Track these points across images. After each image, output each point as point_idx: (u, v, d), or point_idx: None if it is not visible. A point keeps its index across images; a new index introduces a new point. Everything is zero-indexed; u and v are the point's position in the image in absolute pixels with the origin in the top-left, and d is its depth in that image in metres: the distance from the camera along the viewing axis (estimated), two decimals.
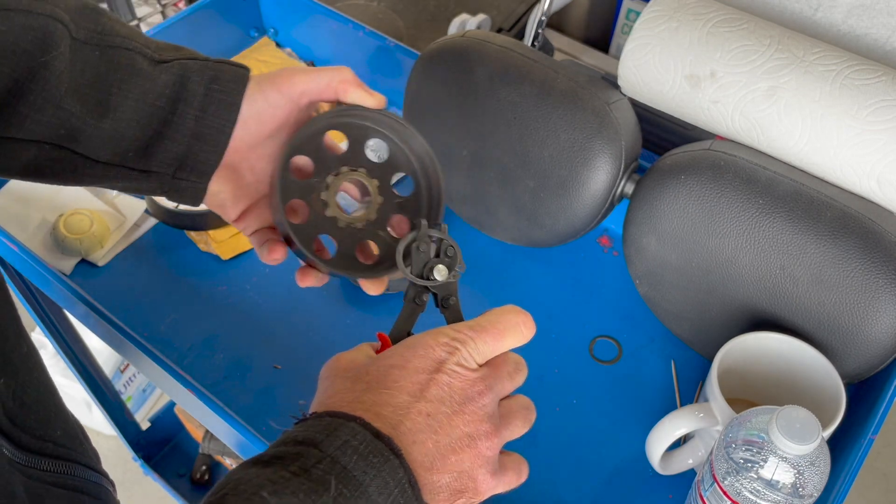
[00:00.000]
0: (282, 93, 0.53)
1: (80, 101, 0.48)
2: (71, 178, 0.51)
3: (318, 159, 0.55)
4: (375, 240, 0.55)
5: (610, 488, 0.69)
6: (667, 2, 0.72)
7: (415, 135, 0.56)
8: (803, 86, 0.65)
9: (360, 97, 0.54)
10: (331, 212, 0.54)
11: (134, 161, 0.51)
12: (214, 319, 0.78)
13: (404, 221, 0.57)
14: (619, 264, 0.84)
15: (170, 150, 0.51)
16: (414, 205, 0.57)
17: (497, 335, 0.46)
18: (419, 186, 0.57)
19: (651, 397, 0.74)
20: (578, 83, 0.72)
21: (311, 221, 0.54)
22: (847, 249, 0.62)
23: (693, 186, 0.67)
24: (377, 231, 0.55)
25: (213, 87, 0.51)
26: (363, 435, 0.38)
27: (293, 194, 0.53)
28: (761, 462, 0.52)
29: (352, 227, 0.55)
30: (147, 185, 0.52)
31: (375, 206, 0.55)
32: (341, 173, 0.55)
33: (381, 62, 0.96)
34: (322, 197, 0.54)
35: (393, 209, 0.56)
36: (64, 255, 0.81)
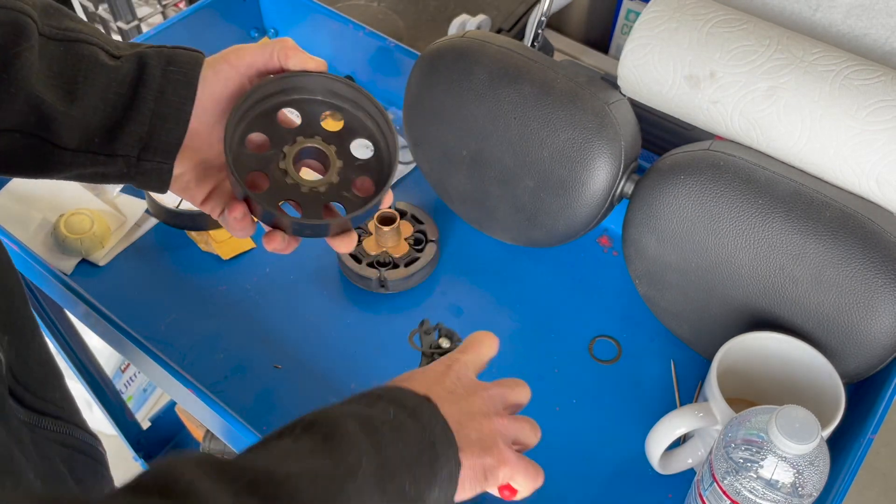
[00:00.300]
0: (231, 65, 0.55)
1: (49, 90, 0.51)
2: (41, 168, 0.53)
3: (274, 135, 0.56)
4: (341, 201, 0.56)
5: (610, 488, 0.69)
6: (666, 2, 0.72)
7: (366, 97, 0.57)
8: (803, 86, 0.66)
9: (301, 61, 0.56)
10: (291, 179, 0.55)
11: (100, 146, 0.53)
12: (215, 319, 0.78)
13: (367, 182, 0.58)
14: (618, 264, 0.85)
15: (133, 132, 0.53)
16: (376, 166, 0.58)
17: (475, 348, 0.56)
18: (378, 148, 0.58)
19: (651, 397, 0.75)
20: (578, 83, 0.72)
21: (273, 189, 0.55)
22: (846, 249, 0.62)
23: (692, 186, 0.67)
24: (341, 192, 0.56)
25: (170, 68, 0.53)
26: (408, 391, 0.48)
27: (252, 167, 0.55)
28: (761, 461, 0.52)
29: (315, 191, 0.56)
30: (114, 168, 0.54)
31: (336, 170, 0.57)
32: (297, 142, 0.56)
33: (381, 62, 0.97)
34: (281, 166, 0.55)
35: (355, 171, 0.57)
36: (65, 255, 0.81)
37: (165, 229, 0.85)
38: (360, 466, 0.40)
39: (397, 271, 0.80)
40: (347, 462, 0.40)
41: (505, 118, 0.74)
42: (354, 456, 0.40)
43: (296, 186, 0.55)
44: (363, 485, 0.40)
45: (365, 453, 0.41)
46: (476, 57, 0.75)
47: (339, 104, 0.58)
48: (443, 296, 0.82)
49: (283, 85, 0.56)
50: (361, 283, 0.80)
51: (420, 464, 0.44)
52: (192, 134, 0.55)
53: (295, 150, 0.56)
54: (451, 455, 0.46)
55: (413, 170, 0.92)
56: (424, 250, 0.82)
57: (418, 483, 0.43)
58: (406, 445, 0.44)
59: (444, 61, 0.76)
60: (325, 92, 0.57)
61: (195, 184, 0.57)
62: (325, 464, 0.39)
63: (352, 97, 0.58)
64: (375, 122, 0.58)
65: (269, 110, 0.56)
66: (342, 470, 0.39)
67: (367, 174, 0.58)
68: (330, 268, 0.83)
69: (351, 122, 0.58)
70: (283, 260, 0.83)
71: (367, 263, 0.80)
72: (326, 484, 0.38)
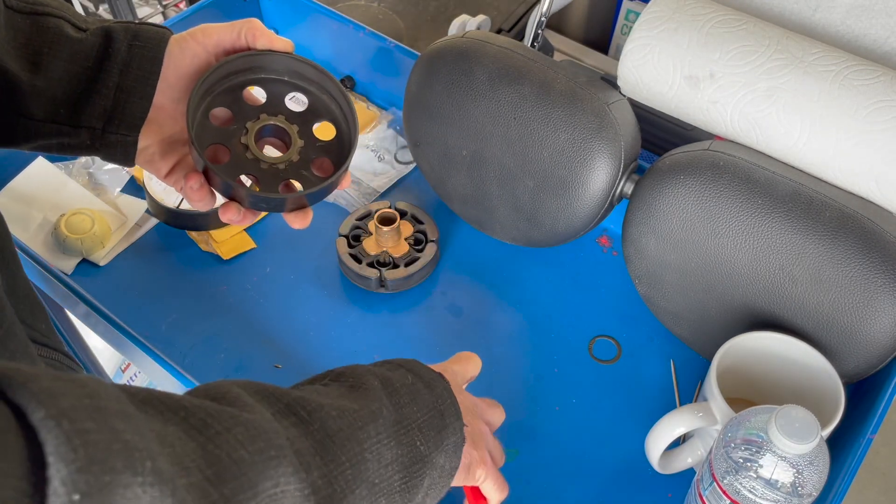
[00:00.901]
0: (198, 42, 0.56)
1: (13, 61, 0.52)
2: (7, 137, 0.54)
3: (238, 110, 0.57)
4: (299, 179, 0.58)
5: (609, 487, 0.69)
6: (666, 3, 0.72)
7: (331, 80, 0.59)
8: (802, 86, 0.66)
9: (268, 41, 0.57)
10: (252, 154, 0.56)
11: (65, 117, 0.54)
12: (215, 319, 0.79)
13: (327, 162, 0.59)
14: (618, 264, 0.85)
15: (97, 104, 0.53)
16: (337, 147, 0.59)
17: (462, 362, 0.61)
18: (340, 130, 0.59)
19: (650, 397, 0.75)
20: (578, 83, 0.72)
21: (233, 163, 0.56)
22: (846, 249, 0.62)
23: (692, 186, 0.67)
24: (300, 171, 0.58)
25: (136, 43, 0.54)
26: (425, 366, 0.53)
27: (214, 140, 0.56)
28: (760, 461, 0.52)
29: (274, 167, 0.57)
30: (78, 140, 0.55)
31: (297, 149, 0.58)
32: (261, 119, 0.57)
33: (381, 63, 0.97)
34: (242, 141, 0.57)
35: (315, 151, 0.59)
36: (65, 255, 0.81)
37: (166, 229, 0.85)
38: (380, 415, 0.44)
39: (397, 271, 0.80)
40: (370, 408, 0.44)
41: (505, 118, 0.74)
42: (376, 406, 0.45)
43: (256, 162, 0.56)
44: (382, 430, 0.44)
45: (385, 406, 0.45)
46: (476, 57, 0.75)
47: (304, 86, 0.59)
48: (443, 296, 0.82)
49: (249, 63, 0.57)
50: (361, 283, 0.81)
51: (430, 427, 0.47)
52: (157, 108, 0.55)
53: (257, 127, 0.57)
54: (457, 427, 0.50)
55: (413, 170, 0.92)
56: (424, 250, 0.82)
57: (427, 444, 0.47)
58: (419, 408, 0.48)
59: (444, 61, 0.76)
60: (290, 73, 0.59)
61: (159, 157, 0.58)
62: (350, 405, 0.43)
63: (317, 79, 0.59)
64: (339, 105, 0.59)
65: (235, 87, 0.57)
66: (365, 413, 0.44)
67: (327, 155, 0.59)
68: (330, 268, 0.83)
69: (315, 104, 0.60)
70: (283, 260, 0.84)
71: (367, 263, 0.80)
72: (351, 420, 0.43)
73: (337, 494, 0.40)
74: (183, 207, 0.82)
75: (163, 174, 0.59)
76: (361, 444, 0.42)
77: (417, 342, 0.78)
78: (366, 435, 0.43)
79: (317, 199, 0.58)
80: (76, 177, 0.88)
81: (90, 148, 0.55)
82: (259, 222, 0.87)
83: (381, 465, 0.43)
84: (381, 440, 0.44)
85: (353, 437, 0.42)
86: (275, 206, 0.57)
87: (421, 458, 0.46)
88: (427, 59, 0.78)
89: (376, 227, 0.81)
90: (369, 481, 0.42)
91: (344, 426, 0.42)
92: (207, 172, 0.55)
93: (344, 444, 0.41)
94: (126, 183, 0.88)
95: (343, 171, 0.57)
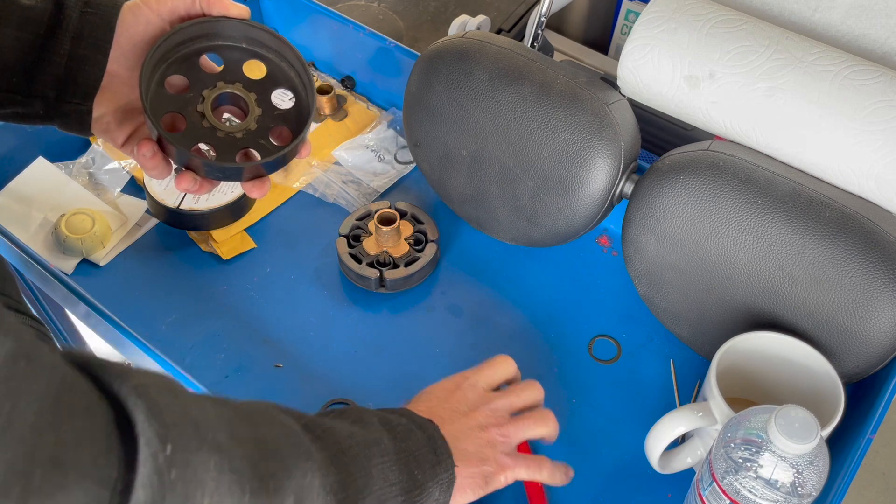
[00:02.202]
0: (152, 10, 0.55)
1: None
2: None
3: (194, 78, 0.57)
4: (257, 148, 0.57)
5: (609, 487, 0.69)
6: (666, 3, 0.72)
7: (289, 47, 0.58)
8: (802, 86, 0.66)
9: (223, 7, 0.56)
10: (208, 122, 0.56)
11: (18, 86, 0.53)
12: (215, 319, 0.79)
13: (286, 131, 0.58)
14: (618, 264, 0.85)
15: (50, 72, 0.53)
16: (295, 116, 0.59)
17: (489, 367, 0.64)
18: (299, 99, 0.59)
19: (650, 397, 0.75)
20: (578, 84, 0.72)
21: (189, 131, 0.56)
22: (845, 249, 0.62)
23: (692, 187, 0.67)
24: (258, 140, 0.57)
25: (87, 10, 0.53)
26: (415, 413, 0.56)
27: (170, 108, 0.55)
28: (760, 461, 0.52)
29: (231, 136, 0.56)
30: (32, 109, 0.54)
31: (254, 117, 0.57)
32: (217, 87, 0.57)
33: (381, 63, 0.97)
34: (199, 109, 0.56)
35: (274, 120, 0.58)
36: (65, 255, 0.81)
37: (166, 229, 0.85)
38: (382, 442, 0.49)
39: (397, 271, 0.80)
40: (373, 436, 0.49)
41: (505, 118, 0.74)
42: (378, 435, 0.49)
43: (212, 130, 0.56)
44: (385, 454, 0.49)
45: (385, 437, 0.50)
46: (476, 57, 0.75)
47: (262, 53, 0.59)
48: (443, 296, 0.82)
49: (204, 30, 0.57)
50: (361, 283, 0.81)
51: (426, 461, 0.52)
52: (112, 76, 0.55)
53: (214, 95, 0.56)
54: (448, 465, 0.54)
55: (413, 170, 0.92)
56: (424, 250, 0.82)
57: (423, 474, 0.51)
58: (414, 443, 0.52)
59: (444, 61, 0.76)
60: (247, 39, 0.58)
61: (115, 126, 0.58)
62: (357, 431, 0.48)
63: (275, 47, 0.59)
64: (297, 73, 0.59)
65: (190, 54, 0.57)
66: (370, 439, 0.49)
67: (286, 124, 0.58)
68: (330, 268, 0.83)
69: (273, 72, 0.59)
70: (283, 260, 0.84)
71: (367, 263, 0.80)
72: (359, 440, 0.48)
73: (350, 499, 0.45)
74: (183, 207, 0.82)
75: (119, 143, 0.59)
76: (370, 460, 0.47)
77: (417, 342, 0.78)
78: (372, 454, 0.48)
79: (274, 168, 0.57)
80: (76, 177, 0.88)
81: (45, 117, 0.55)
82: (259, 222, 0.87)
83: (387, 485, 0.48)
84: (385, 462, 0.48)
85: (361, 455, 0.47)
86: (231, 175, 0.56)
87: (419, 485, 0.50)
88: (427, 59, 0.78)
89: (376, 227, 0.81)
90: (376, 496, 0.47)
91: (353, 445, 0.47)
92: (161, 141, 0.54)
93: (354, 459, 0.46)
94: (126, 183, 0.88)
95: (300, 139, 0.56)
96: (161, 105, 0.55)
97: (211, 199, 0.83)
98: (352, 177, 0.91)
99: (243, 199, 0.85)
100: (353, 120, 0.97)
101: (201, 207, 0.82)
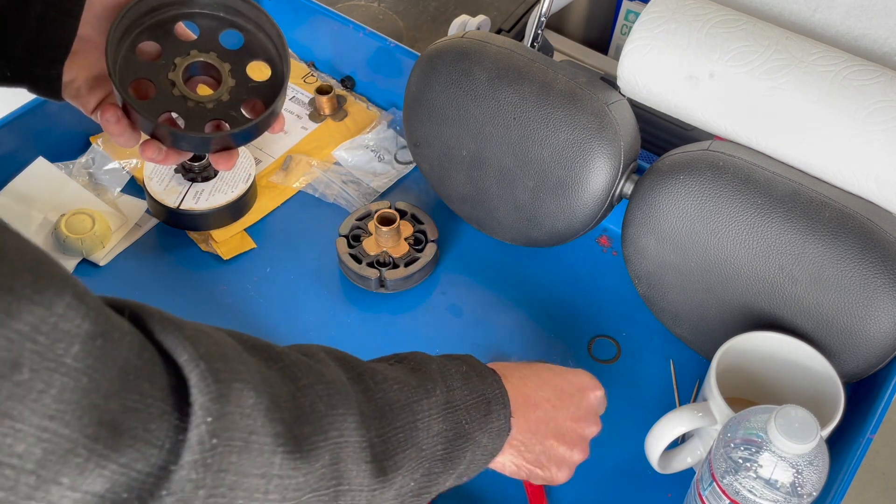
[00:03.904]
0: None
1: None
2: None
3: (168, 45, 0.56)
4: (228, 120, 0.56)
5: (609, 487, 0.69)
6: (666, 3, 0.72)
7: (266, 18, 0.57)
8: (802, 86, 0.66)
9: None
10: (179, 91, 0.55)
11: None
12: (215, 319, 0.78)
13: (259, 104, 0.57)
14: (618, 264, 0.85)
15: (21, 35, 0.52)
16: (270, 89, 0.57)
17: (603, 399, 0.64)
18: (275, 71, 0.58)
19: (650, 397, 0.75)
20: (578, 84, 0.72)
21: (159, 99, 0.55)
22: (845, 249, 0.62)
23: (692, 187, 0.67)
24: (230, 111, 0.56)
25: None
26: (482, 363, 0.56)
27: (140, 74, 0.55)
28: (760, 461, 0.52)
29: (202, 106, 0.55)
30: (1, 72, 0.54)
31: (227, 88, 0.56)
32: (191, 55, 0.56)
33: (381, 63, 0.97)
34: (170, 77, 0.55)
35: (248, 92, 0.57)
36: (65, 255, 0.81)
37: (166, 229, 0.85)
38: (434, 393, 0.50)
39: (397, 271, 0.80)
40: (425, 387, 0.50)
41: (505, 118, 0.74)
42: (431, 385, 0.51)
43: (182, 99, 0.55)
44: (433, 406, 0.50)
45: (439, 386, 0.51)
46: (476, 57, 0.75)
47: (240, 22, 0.58)
48: (443, 296, 0.82)
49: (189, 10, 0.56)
50: (361, 283, 0.81)
51: (477, 409, 0.53)
52: (83, 40, 0.54)
53: (186, 63, 0.55)
54: (502, 414, 0.54)
55: (413, 170, 0.92)
56: (424, 250, 0.82)
57: (472, 423, 0.52)
58: (469, 393, 0.53)
59: (444, 61, 0.76)
60: (224, 8, 0.57)
61: (86, 91, 0.58)
62: (410, 380, 0.50)
63: (253, 17, 0.58)
64: (274, 44, 0.58)
65: (165, 21, 0.56)
66: (421, 390, 0.50)
67: (260, 96, 0.57)
68: (330, 268, 0.83)
69: (251, 43, 0.58)
70: (283, 260, 0.84)
71: (367, 263, 0.80)
72: (409, 393, 0.49)
73: (389, 451, 0.46)
74: (183, 207, 0.82)
75: (89, 110, 0.58)
76: (415, 414, 0.49)
77: (417, 342, 0.78)
78: (419, 408, 0.49)
79: (243, 140, 0.56)
80: (76, 177, 0.88)
81: (14, 80, 0.54)
82: (259, 222, 0.87)
83: (430, 436, 0.49)
84: (432, 415, 0.50)
85: (408, 408, 0.48)
86: (198, 145, 0.55)
87: (464, 434, 0.51)
88: (427, 59, 0.78)
89: (376, 227, 0.81)
90: (417, 446, 0.48)
91: (402, 398, 0.48)
92: (127, 107, 0.53)
93: (400, 412, 0.48)
94: (126, 183, 0.88)
95: (270, 112, 0.55)
96: (130, 71, 0.54)
97: (211, 199, 0.83)
98: (352, 177, 0.91)
99: (243, 199, 0.85)
100: (353, 120, 0.97)
101: (201, 207, 0.83)
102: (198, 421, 0.36)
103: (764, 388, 0.68)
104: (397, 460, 0.47)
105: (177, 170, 0.85)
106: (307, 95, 0.99)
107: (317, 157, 0.92)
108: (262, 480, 0.38)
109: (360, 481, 0.44)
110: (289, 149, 0.94)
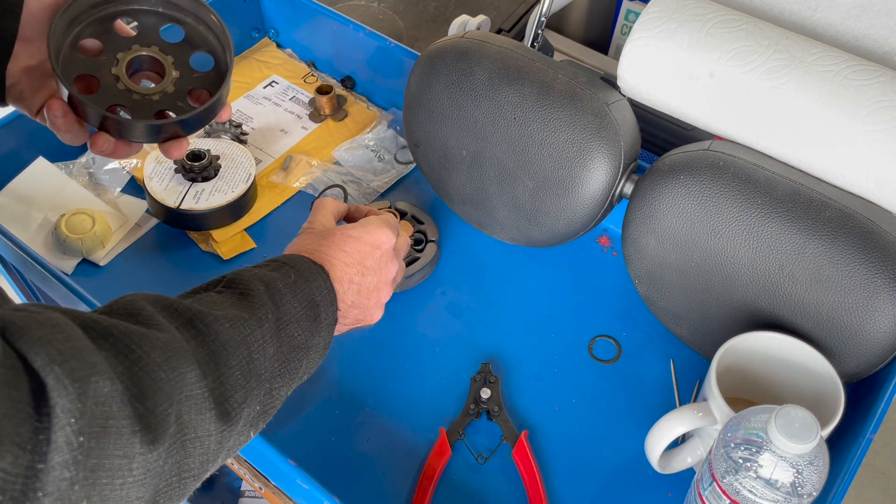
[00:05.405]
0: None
1: None
2: None
3: (109, 41, 0.56)
4: (175, 110, 0.57)
5: (609, 487, 0.69)
6: (666, 3, 0.72)
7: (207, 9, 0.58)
8: (802, 86, 0.66)
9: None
10: (123, 85, 0.56)
11: None
12: None
13: (205, 94, 0.58)
14: (618, 264, 0.85)
15: None
16: (215, 78, 0.59)
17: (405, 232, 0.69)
18: (218, 61, 0.59)
19: (650, 396, 0.75)
20: (578, 84, 0.72)
21: (104, 94, 0.55)
22: (845, 249, 0.62)
23: (692, 186, 0.67)
24: (176, 102, 0.57)
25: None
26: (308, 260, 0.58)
27: (83, 70, 0.55)
28: (760, 461, 0.52)
29: (148, 98, 0.56)
30: None
31: (171, 80, 0.57)
32: (132, 50, 0.57)
33: (381, 63, 0.97)
34: (113, 72, 0.56)
35: (193, 83, 0.58)
36: (65, 255, 0.81)
37: (166, 229, 0.85)
38: (265, 319, 0.51)
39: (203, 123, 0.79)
40: (256, 316, 0.50)
41: (505, 118, 0.74)
42: (262, 311, 0.51)
43: (127, 92, 0.56)
44: (266, 332, 0.50)
45: (269, 309, 0.51)
46: (476, 57, 0.75)
47: (179, 17, 0.59)
48: (443, 296, 0.82)
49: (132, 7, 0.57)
50: None
51: (306, 318, 0.54)
52: (24, 42, 0.54)
53: (129, 57, 0.56)
54: (330, 311, 0.57)
55: (413, 170, 0.92)
56: (424, 250, 0.82)
57: (303, 333, 0.54)
58: (298, 303, 0.54)
59: (444, 61, 0.76)
60: (163, 3, 0.58)
61: (29, 93, 0.58)
62: (240, 314, 0.50)
63: (192, 10, 0.59)
64: (216, 35, 0.59)
65: (105, 18, 0.57)
66: (252, 320, 0.50)
67: (205, 86, 0.58)
68: None
69: (191, 36, 0.59)
70: None
71: None
72: (241, 328, 0.49)
73: (228, 391, 0.47)
74: (183, 207, 0.82)
75: (33, 111, 0.58)
76: (249, 347, 0.49)
77: (417, 342, 0.78)
78: (253, 339, 0.49)
79: (192, 128, 0.57)
80: (76, 177, 0.88)
81: None
82: (259, 222, 0.87)
83: (266, 359, 0.50)
84: (266, 341, 0.50)
85: (242, 344, 0.49)
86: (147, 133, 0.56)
87: (299, 346, 0.53)
88: (427, 59, 0.78)
89: None
90: (257, 376, 0.49)
91: (235, 335, 0.48)
92: (73, 101, 0.54)
93: (235, 350, 0.48)
94: (126, 183, 0.88)
95: (216, 98, 0.56)
96: (73, 68, 0.55)
97: (211, 198, 0.83)
98: (352, 177, 0.91)
99: (243, 199, 0.85)
100: (353, 120, 0.97)
101: (201, 207, 0.83)
102: (62, 423, 0.36)
103: (764, 388, 0.68)
104: (238, 398, 0.47)
105: (177, 170, 0.85)
106: (307, 95, 0.99)
107: (317, 157, 0.92)
108: (125, 460, 0.40)
109: (207, 427, 0.45)
110: (289, 149, 0.94)
